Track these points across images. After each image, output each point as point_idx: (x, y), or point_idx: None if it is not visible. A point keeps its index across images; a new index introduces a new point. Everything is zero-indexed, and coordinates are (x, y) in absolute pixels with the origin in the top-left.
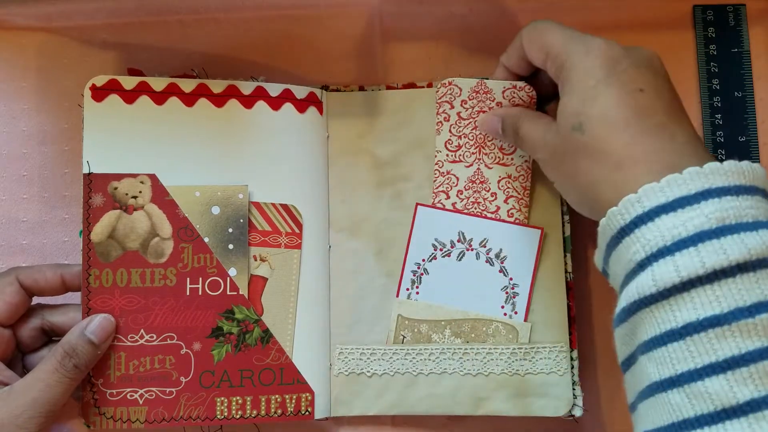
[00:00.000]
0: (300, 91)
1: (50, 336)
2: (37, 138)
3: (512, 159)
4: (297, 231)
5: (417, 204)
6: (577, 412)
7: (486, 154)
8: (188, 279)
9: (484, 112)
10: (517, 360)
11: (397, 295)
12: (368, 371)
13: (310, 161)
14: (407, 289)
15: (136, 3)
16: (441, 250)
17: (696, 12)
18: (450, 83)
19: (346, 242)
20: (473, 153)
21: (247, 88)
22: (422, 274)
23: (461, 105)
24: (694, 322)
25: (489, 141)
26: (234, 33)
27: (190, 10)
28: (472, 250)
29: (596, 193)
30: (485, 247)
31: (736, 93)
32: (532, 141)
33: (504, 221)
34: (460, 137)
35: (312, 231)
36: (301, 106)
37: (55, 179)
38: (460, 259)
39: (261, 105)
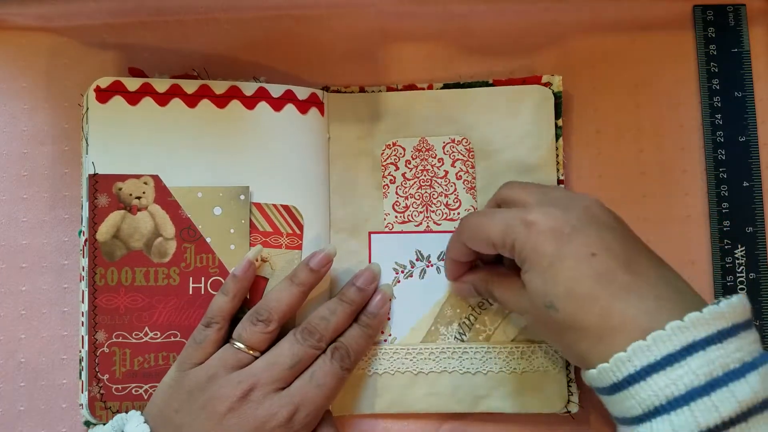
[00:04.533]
0: (302, 92)
1: None
2: (37, 138)
3: (458, 213)
4: (298, 232)
5: (369, 233)
6: (573, 409)
7: (433, 212)
8: (191, 278)
9: (427, 170)
10: (514, 358)
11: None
12: (368, 370)
13: (311, 162)
14: None
15: (136, 3)
16: (402, 272)
17: (696, 12)
18: (394, 144)
19: (345, 243)
20: (420, 212)
21: (249, 88)
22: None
23: (405, 165)
24: None
25: (435, 199)
26: (234, 33)
27: (190, 10)
28: (431, 265)
29: (585, 360)
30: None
31: (736, 93)
32: (510, 306)
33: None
34: (406, 198)
35: (313, 232)
36: (303, 107)
37: (55, 179)
38: (422, 277)
39: (263, 106)
